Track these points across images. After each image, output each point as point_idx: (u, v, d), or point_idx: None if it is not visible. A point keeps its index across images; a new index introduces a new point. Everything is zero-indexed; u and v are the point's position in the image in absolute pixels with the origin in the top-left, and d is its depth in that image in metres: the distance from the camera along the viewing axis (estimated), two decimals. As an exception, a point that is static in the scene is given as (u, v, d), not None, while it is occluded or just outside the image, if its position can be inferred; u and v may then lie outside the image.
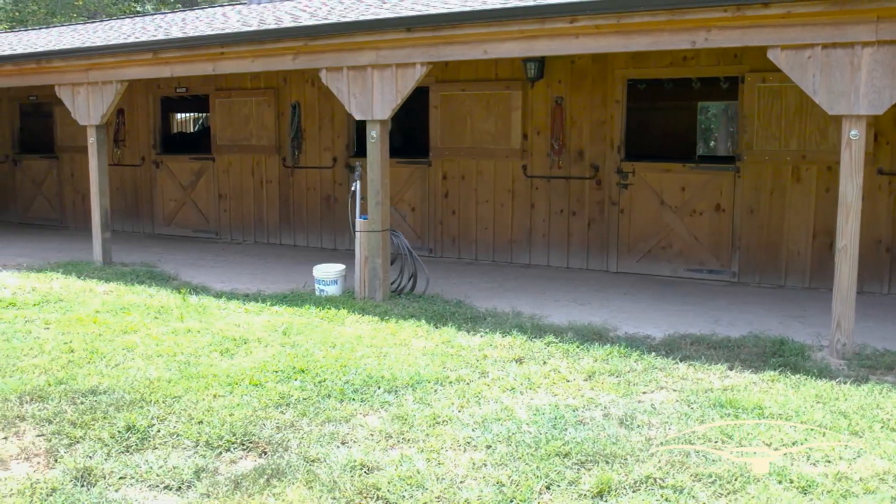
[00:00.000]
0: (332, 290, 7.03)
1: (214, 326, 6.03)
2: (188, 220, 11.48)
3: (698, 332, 5.87)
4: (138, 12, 22.21)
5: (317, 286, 7.10)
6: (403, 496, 3.33)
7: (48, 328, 6.06)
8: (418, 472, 3.53)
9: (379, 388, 4.61)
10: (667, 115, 12.70)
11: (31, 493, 3.39)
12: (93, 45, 7.96)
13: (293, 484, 3.44)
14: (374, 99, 6.56)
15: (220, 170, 11.05)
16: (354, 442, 3.89)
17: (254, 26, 6.95)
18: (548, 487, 3.41)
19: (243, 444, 3.87)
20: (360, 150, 10.31)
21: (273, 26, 6.69)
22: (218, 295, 7.19)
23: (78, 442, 3.91)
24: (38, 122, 13.58)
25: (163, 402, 4.36)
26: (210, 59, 7.30)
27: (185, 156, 11.69)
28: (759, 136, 7.71)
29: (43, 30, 13.10)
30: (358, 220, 6.86)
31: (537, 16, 5.66)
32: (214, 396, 4.46)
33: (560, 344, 5.47)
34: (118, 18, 12.81)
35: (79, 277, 7.96)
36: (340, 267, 7.11)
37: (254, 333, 5.79)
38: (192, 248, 10.50)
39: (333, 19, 6.65)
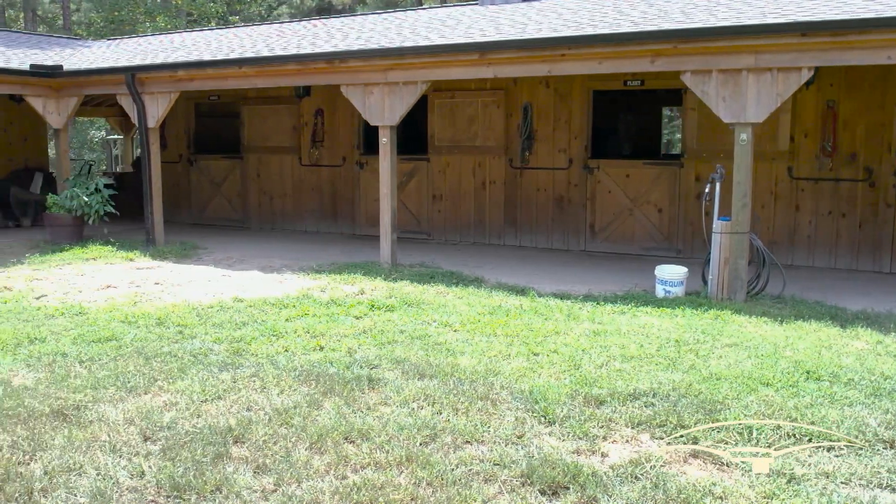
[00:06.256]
0: (678, 291, 7.10)
1: (620, 329, 6.09)
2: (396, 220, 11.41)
3: None
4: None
5: (660, 287, 7.17)
6: None
7: (456, 332, 6.07)
8: None
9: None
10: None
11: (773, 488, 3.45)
12: (403, 45, 7.93)
13: None
14: (748, 102, 6.65)
15: (436, 170, 11.05)
16: None
17: (606, 28, 7.00)
18: None
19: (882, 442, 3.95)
20: (597, 152, 10.40)
21: (648, 28, 6.75)
22: (558, 297, 7.23)
23: (731, 442, 3.96)
24: (215, 123, 13.44)
25: (728, 401, 4.42)
26: (547, 60, 7.32)
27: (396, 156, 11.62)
28: None
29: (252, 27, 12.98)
30: (717, 222, 6.94)
31: (964, 23, 5.78)
32: (770, 396, 4.52)
33: None
34: (324, 18, 12.72)
35: (385, 279, 7.95)
36: (685, 269, 7.19)
37: (675, 335, 5.84)
38: (423, 249, 10.38)
39: (698, 23, 6.73)
